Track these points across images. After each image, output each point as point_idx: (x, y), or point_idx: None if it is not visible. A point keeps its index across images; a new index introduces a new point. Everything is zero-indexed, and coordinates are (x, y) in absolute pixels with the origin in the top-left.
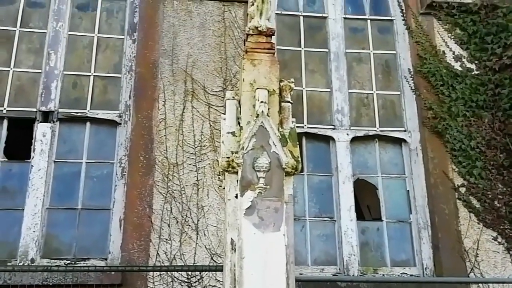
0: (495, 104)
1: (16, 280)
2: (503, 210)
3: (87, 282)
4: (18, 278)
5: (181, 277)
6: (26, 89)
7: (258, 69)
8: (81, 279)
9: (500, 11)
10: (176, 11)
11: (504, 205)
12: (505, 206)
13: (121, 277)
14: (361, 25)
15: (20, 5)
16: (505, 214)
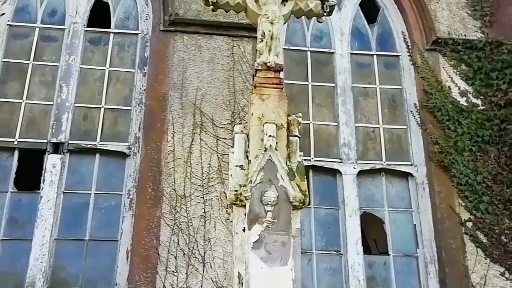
0: (501, 139)
1: None
2: (510, 245)
3: None
4: None
5: None
6: (37, 120)
7: (267, 103)
8: None
9: (505, 47)
10: (186, 46)
11: (511, 240)
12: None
13: None
14: (367, 61)
15: (34, 39)
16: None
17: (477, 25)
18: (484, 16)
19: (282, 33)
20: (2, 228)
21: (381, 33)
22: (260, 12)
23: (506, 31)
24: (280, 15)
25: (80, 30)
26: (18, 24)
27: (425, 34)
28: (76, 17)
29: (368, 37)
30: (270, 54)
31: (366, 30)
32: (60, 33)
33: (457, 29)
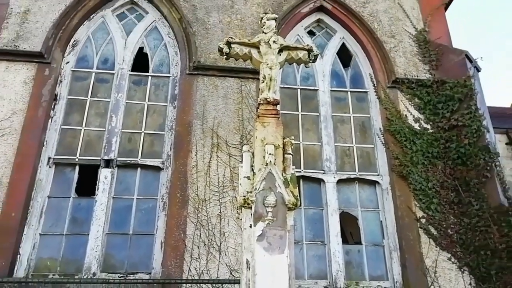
0: (446, 155)
1: None
2: (454, 237)
3: None
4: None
5: None
6: (93, 143)
7: (267, 129)
8: None
9: (448, 85)
10: (206, 85)
11: (455, 232)
12: (456, 234)
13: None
14: (343, 95)
15: (91, 81)
16: (456, 240)
17: (426, 68)
18: (431, 61)
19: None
20: (66, 225)
21: (354, 75)
22: (261, 60)
23: (448, 73)
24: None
25: (126, 74)
26: (79, 70)
27: (386, 75)
28: (123, 64)
29: (343, 77)
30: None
31: (342, 72)
32: (111, 76)
33: (411, 71)
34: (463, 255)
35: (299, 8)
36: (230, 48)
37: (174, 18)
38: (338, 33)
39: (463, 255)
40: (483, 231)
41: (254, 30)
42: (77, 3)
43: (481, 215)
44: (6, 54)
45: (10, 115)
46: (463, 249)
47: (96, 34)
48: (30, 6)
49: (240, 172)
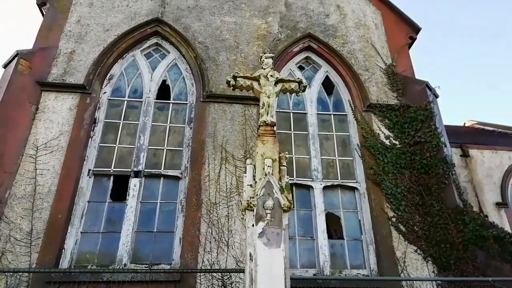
0: (412, 165)
1: (114, 278)
2: (420, 233)
3: (159, 279)
4: (116, 276)
5: (217, 276)
6: (125, 157)
7: (266, 146)
8: (155, 277)
9: (412, 109)
10: (216, 110)
11: (420, 229)
12: (421, 230)
13: (180, 276)
14: (327, 118)
15: (123, 107)
16: (421, 235)
17: (394, 95)
18: (398, 90)
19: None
20: (102, 225)
21: (336, 101)
22: (261, 90)
23: (412, 99)
24: (273, 92)
25: (152, 101)
26: (114, 98)
27: (362, 101)
28: (149, 94)
29: (327, 103)
30: (268, 116)
31: (326, 99)
32: (139, 103)
33: (382, 98)
34: (427, 248)
35: (291, 48)
36: (236, 81)
37: (190, 56)
38: (323, 68)
39: (427, 248)
40: (443, 228)
41: (255, 65)
42: (112, 45)
43: (441, 214)
44: (55, 86)
45: (58, 135)
46: (427, 242)
47: (127, 69)
48: (75, 48)
49: (244, 181)
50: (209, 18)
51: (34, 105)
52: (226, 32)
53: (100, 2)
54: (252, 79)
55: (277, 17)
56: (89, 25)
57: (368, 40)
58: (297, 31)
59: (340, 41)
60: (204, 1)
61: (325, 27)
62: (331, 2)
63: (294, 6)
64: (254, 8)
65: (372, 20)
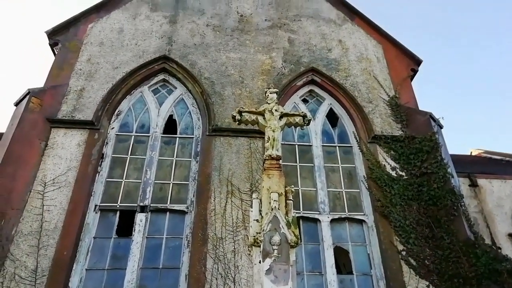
0: (419, 197)
1: None
2: (431, 267)
3: None
4: None
5: None
6: (131, 192)
7: (272, 180)
8: None
9: (417, 140)
10: (222, 143)
11: (431, 263)
12: (432, 264)
13: None
14: (332, 150)
15: (131, 142)
16: (433, 269)
17: (398, 127)
18: (402, 121)
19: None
20: (108, 261)
21: (340, 133)
22: (266, 124)
23: (417, 130)
24: (278, 126)
25: (159, 136)
26: (121, 134)
27: (367, 133)
28: (156, 128)
29: (332, 135)
30: (273, 150)
31: (331, 131)
32: (147, 138)
33: (387, 129)
34: (439, 283)
35: (295, 81)
36: (242, 116)
37: (197, 91)
38: (326, 100)
39: (440, 283)
40: (455, 262)
41: (260, 99)
42: (121, 82)
43: (452, 247)
44: (65, 122)
45: (66, 171)
46: (439, 277)
47: (135, 105)
48: (85, 85)
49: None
50: (215, 54)
51: (43, 141)
52: (231, 67)
53: (110, 41)
54: (257, 113)
55: (280, 52)
56: (98, 63)
57: (371, 73)
58: (300, 65)
59: (343, 74)
60: (210, 39)
61: (327, 61)
62: (333, 37)
63: (297, 42)
64: (258, 44)
65: (373, 53)
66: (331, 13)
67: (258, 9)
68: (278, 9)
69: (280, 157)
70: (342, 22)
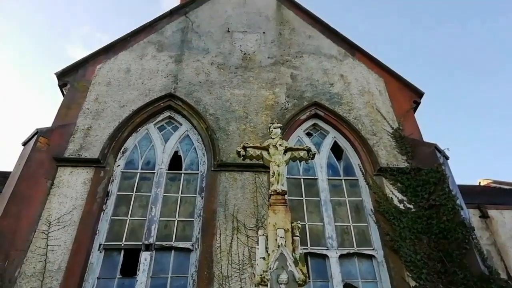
0: (429, 230)
1: None
2: None
3: None
4: None
5: None
6: (136, 230)
7: (278, 216)
8: None
9: (423, 171)
10: (227, 179)
11: None
12: None
13: None
14: (338, 183)
15: (136, 179)
16: None
17: (404, 158)
18: (407, 152)
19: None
20: None
21: (346, 165)
22: (271, 159)
23: (423, 161)
24: (283, 161)
25: (164, 172)
26: (127, 171)
27: (372, 165)
28: (162, 165)
29: (337, 168)
30: (278, 185)
31: (336, 164)
32: (152, 175)
33: (392, 161)
34: None
35: (299, 116)
36: (246, 151)
37: (202, 127)
38: (330, 134)
39: None
40: None
41: (264, 134)
42: (127, 120)
43: (466, 283)
44: (71, 161)
45: (71, 210)
46: None
47: (141, 142)
48: (92, 124)
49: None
50: (219, 91)
51: (49, 180)
52: (236, 103)
53: (117, 81)
54: (262, 148)
55: (283, 88)
56: (106, 102)
57: (373, 106)
58: (303, 100)
59: (346, 108)
60: (215, 76)
61: (330, 95)
62: (334, 72)
63: (299, 77)
64: (261, 81)
65: (375, 87)
66: (332, 49)
67: (261, 47)
68: (280, 47)
69: (285, 192)
70: (343, 58)
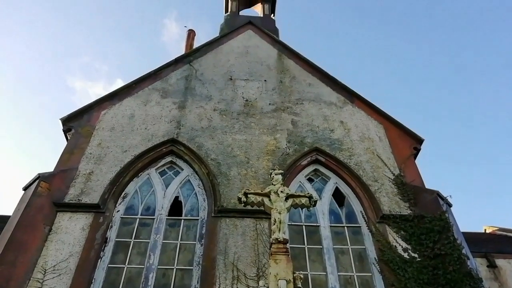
0: (435, 281)
1: None
2: None
3: None
4: None
5: None
6: (133, 278)
7: (279, 266)
8: None
9: (426, 219)
10: (228, 225)
11: None
12: None
13: None
14: (341, 230)
15: (136, 225)
16: None
17: (406, 205)
18: (410, 199)
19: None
20: None
21: (348, 212)
22: (272, 206)
23: (425, 209)
24: (284, 208)
25: (164, 218)
26: (126, 217)
27: (375, 212)
28: (162, 210)
29: (340, 215)
30: (280, 233)
31: (338, 210)
32: (151, 220)
33: (394, 208)
34: None
35: (300, 161)
36: (247, 197)
37: (203, 172)
38: (332, 179)
39: None
40: None
41: (265, 179)
42: (129, 165)
43: None
44: (71, 206)
45: (67, 257)
46: None
47: (142, 187)
48: (94, 168)
49: None
50: (221, 136)
51: (48, 226)
52: (237, 148)
53: (121, 126)
54: (263, 195)
55: (284, 133)
56: (108, 147)
57: (374, 152)
58: (304, 145)
59: (346, 154)
60: (217, 122)
61: (331, 141)
62: (334, 118)
63: (300, 123)
64: (263, 127)
65: (375, 133)
66: (332, 96)
67: (262, 94)
68: (281, 94)
69: (287, 241)
70: (342, 105)
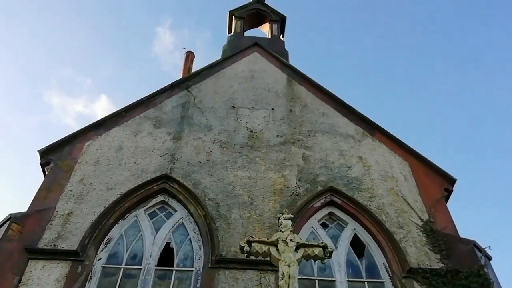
0: None
1: None
2: None
3: None
4: None
5: None
6: None
7: None
8: None
9: (462, 274)
10: (227, 278)
11: None
12: None
13: None
14: (360, 286)
15: (119, 277)
16: None
17: (438, 257)
18: (441, 250)
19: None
20: None
21: (368, 264)
22: (280, 257)
23: (460, 262)
24: (294, 260)
25: (152, 269)
26: (109, 266)
27: (400, 265)
28: (150, 259)
29: (359, 267)
30: None
31: (357, 262)
32: (138, 271)
33: (424, 260)
34: None
35: (312, 203)
36: (251, 247)
37: (199, 214)
38: (349, 225)
39: None
40: None
41: (271, 223)
42: (114, 205)
43: None
44: (45, 253)
45: None
46: None
47: (128, 231)
48: (73, 209)
49: None
50: (221, 173)
51: (17, 276)
52: (240, 187)
53: (106, 159)
54: (269, 244)
55: (294, 170)
56: (92, 184)
57: (398, 193)
58: (317, 184)
59: (366, 195)
60: (216, 156)
61: (348, 180)
62: (352, 154)
63: (312, 159)
64: (269, 162)
65: (399, 171)
66: (349, 128)
67: (269, 124)
68: (290, 125)
69: None
70: (361, 138)
